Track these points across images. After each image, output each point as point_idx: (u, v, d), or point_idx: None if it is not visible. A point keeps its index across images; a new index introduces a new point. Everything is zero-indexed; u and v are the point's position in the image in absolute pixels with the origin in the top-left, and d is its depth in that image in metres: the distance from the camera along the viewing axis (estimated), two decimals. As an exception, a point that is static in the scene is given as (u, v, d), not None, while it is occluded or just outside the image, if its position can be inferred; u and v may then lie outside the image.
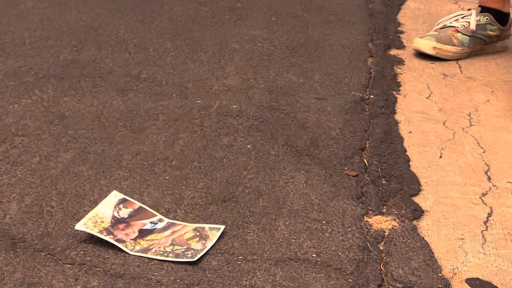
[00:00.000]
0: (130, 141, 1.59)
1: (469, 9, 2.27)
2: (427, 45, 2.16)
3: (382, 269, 1.21)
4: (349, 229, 1.31)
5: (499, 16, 2.25)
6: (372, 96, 1.88)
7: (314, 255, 1.23)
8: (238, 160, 1.53)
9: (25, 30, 2.22)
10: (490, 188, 1.49)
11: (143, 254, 1.20)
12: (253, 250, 1.23)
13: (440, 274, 1.20)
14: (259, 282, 1.15)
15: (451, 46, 2.17)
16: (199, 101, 1.79)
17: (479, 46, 2.22)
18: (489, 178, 1.53)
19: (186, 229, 1.27)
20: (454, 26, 2.21)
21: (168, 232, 1.27)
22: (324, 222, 1.33)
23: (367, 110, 1.80)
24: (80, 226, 1.23)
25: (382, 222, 1.33)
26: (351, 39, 2.28)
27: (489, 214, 1.40)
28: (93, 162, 1.50)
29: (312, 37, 2.28)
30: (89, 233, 1.23)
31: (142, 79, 1.92)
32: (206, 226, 1.28)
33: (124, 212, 1.29)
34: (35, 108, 1.72)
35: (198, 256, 1.20)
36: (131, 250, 1.21)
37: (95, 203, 1.33)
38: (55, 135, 1.60)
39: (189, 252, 1.21)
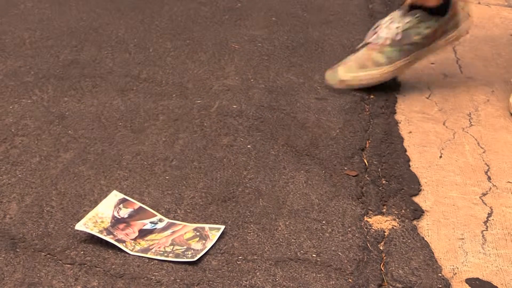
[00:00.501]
0: (130, 141, 1.59)
1: (399, 10, 1.86)
2: (337, 77, 1.81)
3: (382, 269, 1.21)
4: (349, 229, 1.31)
5: (436, 9, 1.84)
6: (372, 96, 1.88)
7: (314, 255, 1.23)
8: (238, 160, 1.53)
9: (25, 30, 2.22)
10: (490, 188, 1.49)
11: (143, 254, 1.20)
12: (253, 250, 1.23)
13: (440, 274, 1.20)
14: (259, 282, 1.15)
15: (376, 70, 1.78)
16: (199, 101, 1.78)
17: (414, 53, 1.82)
18: (489, 178, 1.53)
19: (186, 229, 1.27)
20: (381, 38, 1.80)
21: (168, 232, 1.27)
22: (324, 222, 1.33)
23: (367, 110, 1.80)
24: (80, 226, 1.23)
25: (382, 222, 1.33)
26: (351, 39, 2.28)
27: (489, 214, 1.40)
28: (93, 162, 1.50)
29: (312, 37, 2.28)
30: (89, 233, 1.23)
31: (142, 79, 1.92)
32: (206, 226, 1.28)
33: (124, 212, 1.29)
34: (35, 108, 1.72)
35: (198, 256, 1.20)
36: (131, 250, 1.21)
37: (95, 203, 1.33)
38: (55, 135, 1.60)
39: (189, 252, 1.21)
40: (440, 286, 1.17)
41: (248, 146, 1.59)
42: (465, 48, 2.27)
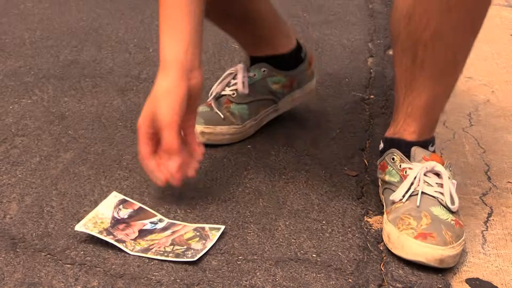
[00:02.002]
0: (130, 141, 1.59)
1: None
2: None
3: (382, 269, 1.21)
4: (349, 229, 1.31)
5: (282, 60, 1.62)
6: (372, 96, 1.88)
7: (314, 255, 1.23)
8: (238, 160, 1.53)
9: (25, 30, 2.22)
10: (490, 188, 1.49)
11: (143, 254, 1.20)
12: (253, 250, 1.23)
13: (440, 274, 1.20)
14: (259, 282, 1.15)
15: (227, 126, 1.56)
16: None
17: (266, 109, 1.63)
18: (489, 178, 1.53)
19: (186, 229, 1.27)
20: (226, 95, 1.59)
21: (168, 232, 1.27)
22: (324, 222, 1.33)
23: (367, 110, 1.80)
24: (80, 227, 1.23)
25: (382, 222, 1.33)
26: (351, 39, 2.28)
27: (489, 214, 1.40)
28: (93, 162, 1.50)
29: (312, 37, 2.28)
30: (89, 234, 1.23)
31: (142, 79, 1.92)
32: (206, 226, 1.28)
33: (124, 213, 1.29)
34: (35, 108, 1.72)
35: (198, 256, 1.20)
36: (131, 250, 1.21)
37: (95, 203, 1.33)
38: (55, 135, 1.60)
39: (189, 252, 1.20)
40: (440, 286, 1.17)
41: (248, 146, 1.59)
42: (465, 48, 2.27)
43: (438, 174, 1.27)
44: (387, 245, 1.24)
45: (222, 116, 1.56)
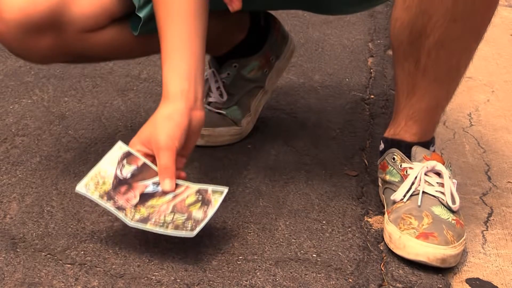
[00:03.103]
0: (130, 141, 1.58)
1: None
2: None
3: (382, 269, 1.21)
4: (349, 229, 1.31)
5: (247, 44, 1.59)
6: (372, 96, 1.88)
7: (314, 255, 1.23)
8: (238, 160, 1.53)
9: (25, 30, 2.22)
10: (490, 188, 1.49)
11: (142, 224, 1.17)
12: (253, 250, 1.23)
13: (440, 274, 1.20)
14: (259, 282, 1.15)
15: (227, 128, 1.57)
16: (199, 101, 1.78)
17: (256, 97, 1.62)
18: (489, 178, 1.53)
19: (189, 191, 1.22)
20: (213, 102, 1.58)
21: (170, 196, 1.22)
22: (324, 222, 1.33)
23: (367, 110, 1.80)
24: (81, 187, 1.19)
25: (382, 222, 1.33)
26: (351, 39, 2.28)
27: (489, 214, 1.40)
28: (94, 162, 1.49)
29: (312, 37, 2.28)
30: (89, 198, 1.19)
31: (142, 79, 1.92)
32: (209, 188, 1.23)
33: (127, 171, 1.23)
34: (36, 108, 1.72)
35: (198, 228, 1.16)
36: (131, 220, 1.17)
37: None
38: (55, 135, 1.60)
39: (189, 223, 1.17)
40: (441, 286, 1.17)
41: (248, 146, 1.59)
42: (465, 48, 2.27)
43: (438, 174, 1.27)
44: (389, 245, 1.24)
45: (221, 117, 1.56)
